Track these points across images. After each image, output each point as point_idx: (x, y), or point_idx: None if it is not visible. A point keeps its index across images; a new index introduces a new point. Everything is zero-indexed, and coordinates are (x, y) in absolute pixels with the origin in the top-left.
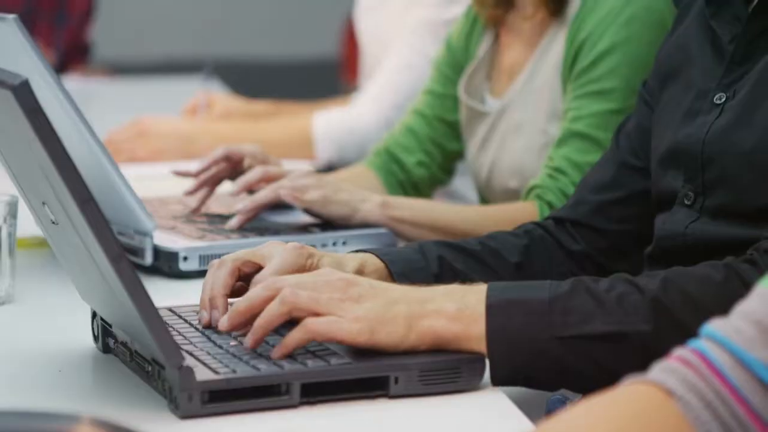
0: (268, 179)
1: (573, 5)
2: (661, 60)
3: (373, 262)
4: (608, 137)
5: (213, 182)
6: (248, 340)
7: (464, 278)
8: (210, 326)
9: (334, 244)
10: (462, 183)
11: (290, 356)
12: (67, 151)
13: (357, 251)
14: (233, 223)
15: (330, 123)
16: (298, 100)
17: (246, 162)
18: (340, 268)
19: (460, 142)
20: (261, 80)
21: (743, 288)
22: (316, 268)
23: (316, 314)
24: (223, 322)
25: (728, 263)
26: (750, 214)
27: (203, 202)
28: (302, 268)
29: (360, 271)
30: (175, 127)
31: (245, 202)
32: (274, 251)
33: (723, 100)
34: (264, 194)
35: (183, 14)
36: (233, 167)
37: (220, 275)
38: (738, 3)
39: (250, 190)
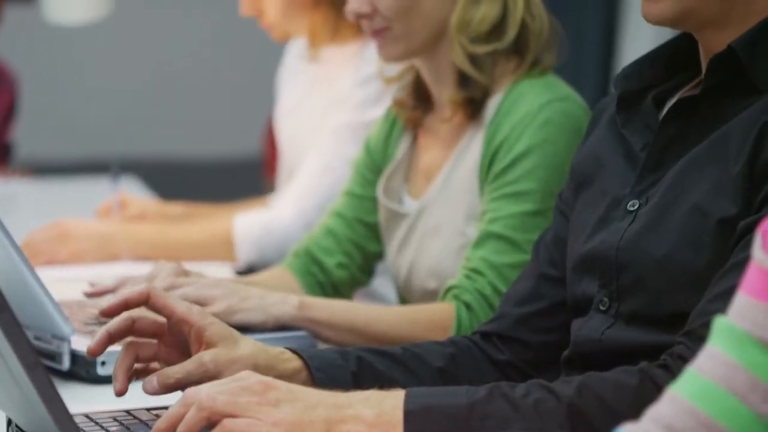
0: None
1: (490, 108)
2: (575, 168)
3: (293, 358)
4: (525, 238)
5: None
6: None
7: (384, 380)
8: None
9: None
10: (381, 283)
11: None
12: None
13: None
14: None
15: (250, 225)
16: (223, 199)
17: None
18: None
19: (380, 243)
20: (185, 180)
21: (657, 393)
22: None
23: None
24: None
25: (642, 368)
26: (663, 320)
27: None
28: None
29: (279, 359)
30: (94, 229)
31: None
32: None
33: (636, 206)
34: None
35: (107, 113)
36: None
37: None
38: (648, 111)
39: None
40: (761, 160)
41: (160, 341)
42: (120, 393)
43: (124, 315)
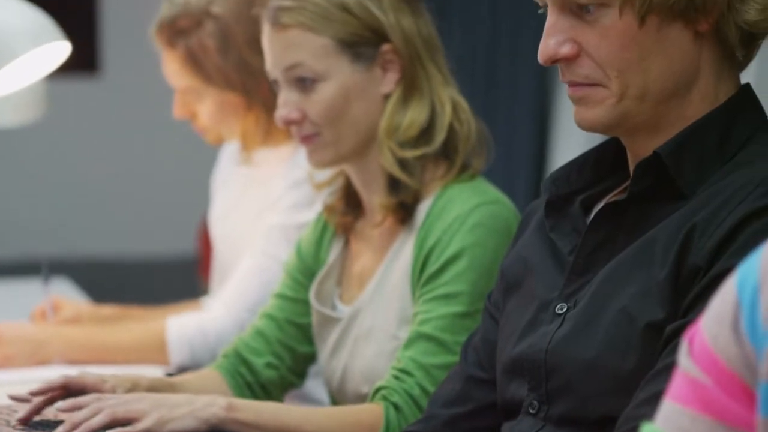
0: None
1: (420, 213)
2: (504, 270)
3: None
4: (455, 339)
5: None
6: None
7: None
8: None
9: None
10: (314, 386)
11: None
12: None
13: None
14: None
15: (183, 327)
16: (157, 299)
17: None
18: None
19: (311, 344)
20: (119, 280)
21: None
22: None
23: None
24: None
25: None
26: (592, 423)
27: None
28: None
29: None
30: (26, 333)
31: (78, 429)
32: None
33: (564, 310)
34: (98, 420)
35: (39, 212)
36: (69, 395)
37: None
38: (576, 215)
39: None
40: (687, 265)
41: None
42: None
43: None
